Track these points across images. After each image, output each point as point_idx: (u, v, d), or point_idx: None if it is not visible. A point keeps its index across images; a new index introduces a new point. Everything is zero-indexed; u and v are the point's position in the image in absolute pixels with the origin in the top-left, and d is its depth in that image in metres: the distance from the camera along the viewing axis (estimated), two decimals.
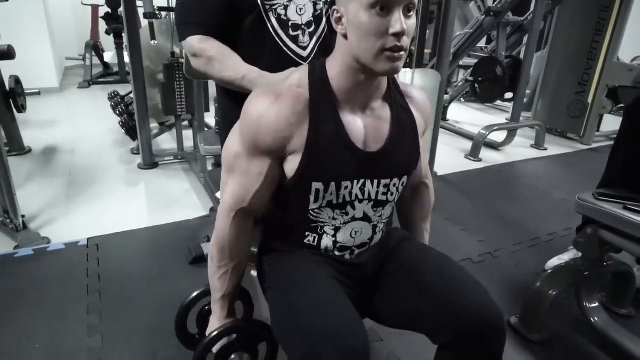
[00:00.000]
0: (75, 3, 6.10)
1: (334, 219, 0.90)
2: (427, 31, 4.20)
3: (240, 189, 0.88)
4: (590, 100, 3.97)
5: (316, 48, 1.16)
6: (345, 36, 0.80)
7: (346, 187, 0.86)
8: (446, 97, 4.49)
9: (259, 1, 1.08)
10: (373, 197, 0.90)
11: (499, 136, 3.84)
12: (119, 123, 3.23)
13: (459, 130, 4.26)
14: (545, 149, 3.95)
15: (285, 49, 1.12)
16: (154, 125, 3.28)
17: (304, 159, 0.83)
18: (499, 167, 3.50)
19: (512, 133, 3.85)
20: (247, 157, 0.85)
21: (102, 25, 5.72)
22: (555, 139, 4.26)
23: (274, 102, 0.81)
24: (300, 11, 1.12)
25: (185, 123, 3.49)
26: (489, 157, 3.66)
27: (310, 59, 1.15)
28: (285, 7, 1.10)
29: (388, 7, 0.74)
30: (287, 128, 0.81)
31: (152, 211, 2.52)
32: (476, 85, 3.97)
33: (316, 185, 0.85)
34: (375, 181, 0.89)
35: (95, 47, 5.80)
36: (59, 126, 3.99)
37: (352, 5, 0.76)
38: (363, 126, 0.86)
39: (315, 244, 0.94)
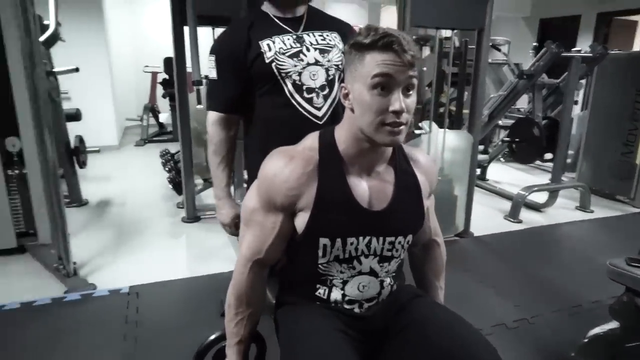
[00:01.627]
0: (137, 70, 6.80)
1: (341, 272, 0.96)
2: (466, 92, 4.30)
3: (256, 241, 0.96)
4: (638, 161, 3.84)
5: (330, 109, 1.29)
6: (352, 109, 0.89)
7: (352, 243, 0.93)
8: (485, 156, 4.47)
9: (275, 71, 1.24)
10: (378, 252, 0.96)
11: (541, 197, 3.75)
12: (167, 179, 3.47)
13: (498, 190, 4.20)
14: (592, 212, 3.79)
15: (300, 109, 1.26)
16: (198, 181, 3.49)
17: (312, 215, 0.90)
18: (540, 229, 3.39)
19: (554, 194, 3.74)
20: (263, 212, 0.94)
21: (160, 90, 6.30)
22: (602, 200, 4.08)
23: (288, 163, 0.91)
24: (313, 76, 1.27)
25: None
26: (529, 219, 3.56)
27: (325, 118, 1.28)
28: (299, 74, 1.25)
29: (388, 88, 0.83)
30: (297, 187, 0.90)
31: (190, 262, 2.64)
32: (513, 146, 3.96)
33: (323, 241, 0.92)
34: (381, 238, 0.95)
35: (152, 109, 6.36)
36: (114, 181, 4.33)
37: (357, 85, 0.86)
38: (368, 187, 0.94)
39: (326, 297, 0.98)
